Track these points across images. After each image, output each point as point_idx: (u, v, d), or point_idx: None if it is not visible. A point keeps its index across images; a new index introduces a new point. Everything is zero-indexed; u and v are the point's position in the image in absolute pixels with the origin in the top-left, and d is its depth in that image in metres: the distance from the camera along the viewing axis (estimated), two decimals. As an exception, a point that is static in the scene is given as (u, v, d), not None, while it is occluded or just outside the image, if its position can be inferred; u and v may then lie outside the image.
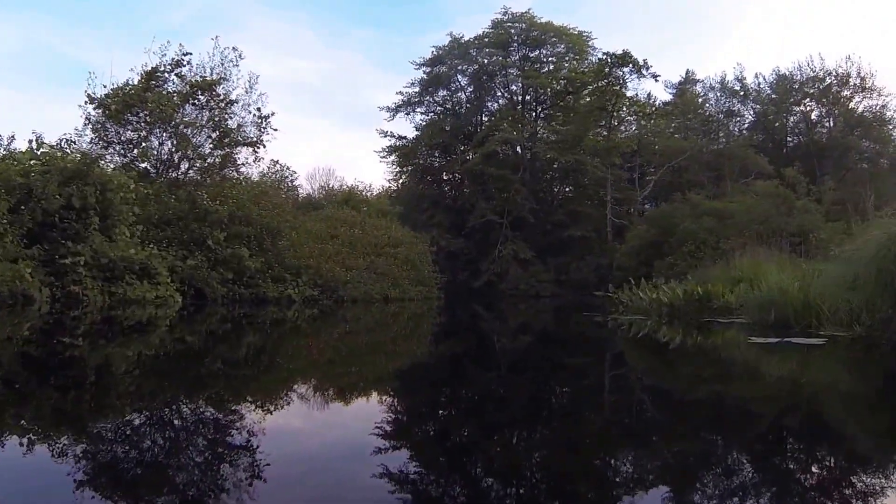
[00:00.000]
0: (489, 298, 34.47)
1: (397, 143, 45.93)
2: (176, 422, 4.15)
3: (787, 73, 47.19)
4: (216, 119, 25.37)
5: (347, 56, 78.73)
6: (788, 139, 48.70)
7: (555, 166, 42.17)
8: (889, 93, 49.54)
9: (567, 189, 41.63)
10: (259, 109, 25.38)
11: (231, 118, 25.59)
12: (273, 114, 25.39)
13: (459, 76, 45.84)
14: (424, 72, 45.80)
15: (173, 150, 24.60)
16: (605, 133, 38.93)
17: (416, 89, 46.09)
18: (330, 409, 4.80)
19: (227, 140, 25.44)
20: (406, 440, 3.90)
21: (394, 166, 47.31)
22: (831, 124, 47.23)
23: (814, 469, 3.37)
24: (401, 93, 46.33)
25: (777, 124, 47.90)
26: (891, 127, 45.49)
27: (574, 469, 3.30)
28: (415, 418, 4.65)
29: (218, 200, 20.95)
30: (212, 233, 20.21)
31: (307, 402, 5.03)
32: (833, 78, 45.44)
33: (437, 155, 46.69)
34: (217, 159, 25.46)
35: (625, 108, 37.50)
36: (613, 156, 36.79)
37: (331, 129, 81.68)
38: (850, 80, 44.87)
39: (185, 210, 20.79)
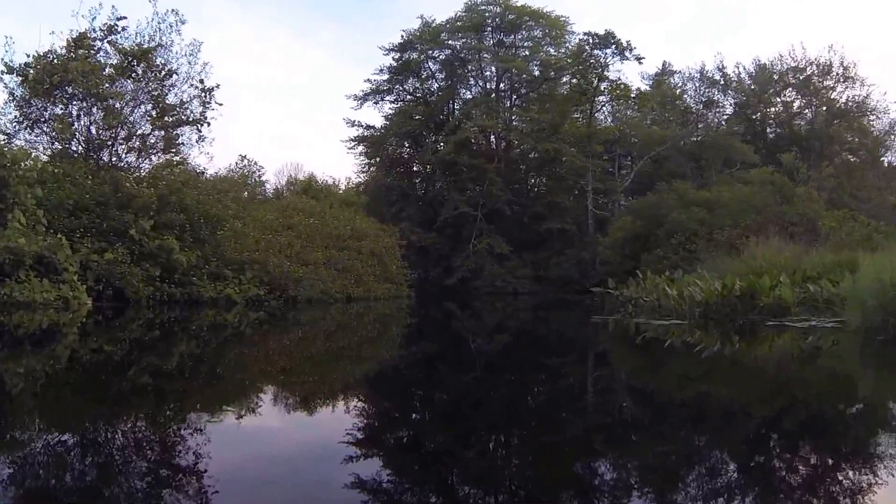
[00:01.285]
0: (463, 296, 31.81)
1: (365, 133, 42.34)
2: (92, 448, 3.39)
3: (768, 63, 44.99)
4: (154, 93, 21.64)
5: (316, 46, 74.82)
6: (769, 130, 46.39)
7: (532, 156, 38.94)
8: (871, 83, 47.78)
9: (545, 180, 38.36)
10: (202, 82, 21.71)
11: (171, 91, 21.90)
12: (218, 86, 21.72)
13: (430, 62, 42.44)
14: (394, 58, 42.30)
15: (103, 127, 20.79)
16: (584, 120, 35.77)
17: (386, 76, 42.60)
18: (285, 423, 4.14)
19: (168, 118, 21.73)
20: (373, 451, 3.47)
21: (362, 158, 43.79)
22: (812, 115, 45.04)
23: None
24: (369, 80, 42.83)
25: (757, 115, 45.49)
26: (872, 118, 43.42)
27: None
28: (382, 430, 4.12)
29: (145, 183, 17.28)
30: (136, 221, 16.53)
31: (257, 417, 4.26)
32: (815, 67, 43.23)
33: (407, 145, 43.21)
34: (158, 141, 21.75)
35: (607, 93, 34.35)
36: (594, 143, 33.69)
37: (299, 125, 77.73)
38: (833, 69, 42.66)
39: (107, 195, 17.08)
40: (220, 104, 21.99)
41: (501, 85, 41.72)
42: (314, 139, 75.25)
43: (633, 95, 34.59)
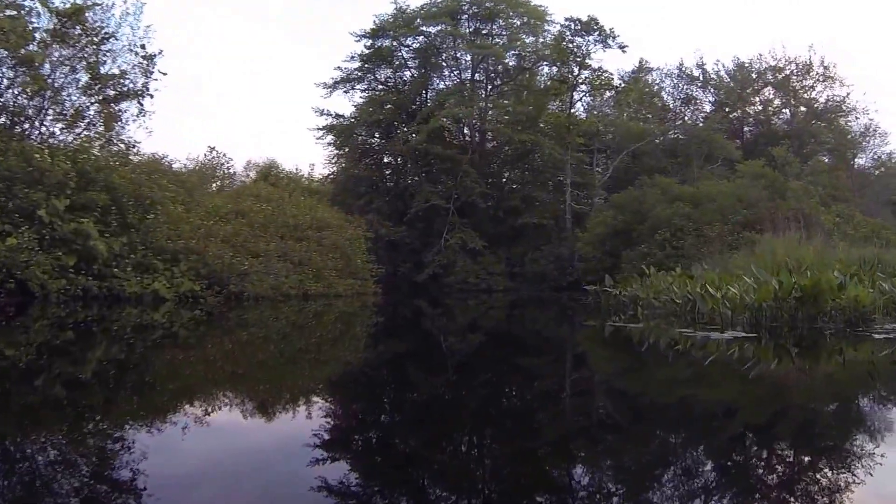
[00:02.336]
0: (434, 293, 29.30)
1: (334, 122, 39.49)
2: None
3: (747, 62, 43.38)
4: (90, 59, 18.75)
5: (282, 34, 71.53)
6: (746, 129, 44.77)
7: (507, 148, 36.48)
8: (851, 83, 46.47)
9: (521, 173, 35.86)
10: (143, 47, 18.86)
11: (109, 59, 19.03)
12: (161, 52, 18.89)
13: (403, 50, 39.77)
14: (365, 45, 39.54)
15: (27, 95, 17.83)
16: (564, 110, 33.42)
17: (357, 64, 39.80)
18: (232, 436, 3.62)
19: (107, 90, 18.86)
20: (333, 465, 3.08)
21: (330, 148, 40.92)
22: (789, 115, 43.59)
23: None
24: (339, 68, 39.96)
25: (736, 113, 43.81)
26: (850, 119, 42.04)
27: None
28: (343, 440, 3.67)
29: (63, 156, 14.41)
30: (48, 200, 13.68)
31: (195, 432, 3.63)
32: (794, 66, 41.72)
33: (377, 136, 40.46)
34: (95, 116, 18.85)
35: (588, 84, 32.03)
36: (574, 135, 31.38)
37: (272, 120, 74.41)
38: (813, 69, 41.17)
39: (13, 169, 14.18)
40: (164, 73, 19.20)
41: (477, 75, 39.19)
42: (291, 136, 72.10)
43: (615, 85, 32.30)
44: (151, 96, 19.26)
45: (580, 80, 31.16)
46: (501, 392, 5.24)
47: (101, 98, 18.90)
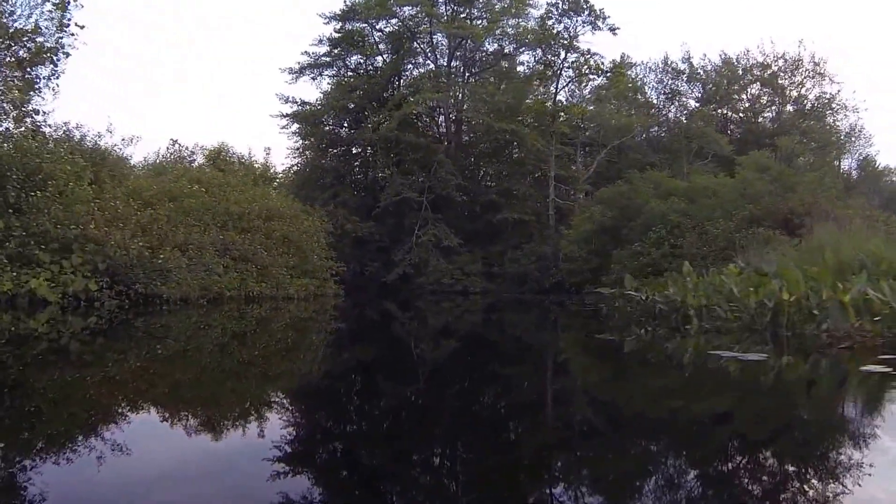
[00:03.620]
0: (405, 295, 26.37)
1: (300, 109, 35.98)
2: None
3: (734, 57, 40.93)
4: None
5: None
6: (732, 127, 42.36)
7: (485, 141, 33.33)
8: (841, 81, 44.45)
9: (500, 165, 32.68)
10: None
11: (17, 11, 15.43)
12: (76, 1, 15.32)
13: (376, 34, 36.46)
14: (335, 28, 36.16)
15: None
16: (549, 96, 30.42)
17: (325, 48, 36.38)
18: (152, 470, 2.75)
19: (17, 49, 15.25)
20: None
21: (295, 138, 37.38)
22: (774, 113, 41.31)
23: None
24: (307, 52, 36.48)
25: (722, 110, 41.36)
26: (839, 118, 39.86)
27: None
28: (296, 472, 2.82)
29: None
30: None
31: (109, 469, 2.68)
32: (783, 62, 39.36)
33: (346, 124, 37.06)
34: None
35: (574, 68, 29.08)
36: (559, 124, 28.40)
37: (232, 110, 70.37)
38: (803, 65, 38.86)
39: None
40: (82, 27, 15.62)
41: (454, 62, 36.05)
42: (255, 126, 68.07)
43: (606, 70, 29.34)
44: (67, 55, 15.73)
45: (567, 65, 28.18)
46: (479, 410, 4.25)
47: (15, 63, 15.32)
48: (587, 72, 28.47)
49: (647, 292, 10.73)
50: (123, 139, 17.16)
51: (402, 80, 36.14)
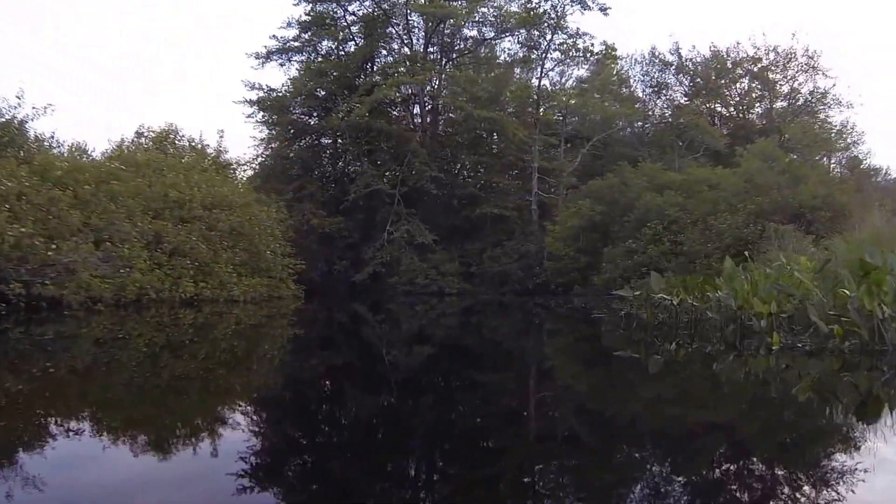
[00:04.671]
0: (375, 296, 23.92)
1: (266, 96, 33.07)
2: None
3: (723, 50, 39.00)
4: None
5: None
6: (718, 123, 40.48)
7: (461, 136, 30.73)
8: (835, 75, 42.79)
9: (480, 156, 30.02)
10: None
11: None
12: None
13: (348, 16, 33.75)
14: (305, 10, 33.38)
15: None
16: (535, 80, 28.01)
17: (295, 32, 33.55)
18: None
19: None
20: None
21: (262, 128, 34.44)
22: (762, 109, 39.53)
23: None
24: (275, 36, 33.57)
25: (709, 105, 39.44)
26: (832, 114, 38.11)
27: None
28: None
29: None
30: None
31: None
32: (774, 55, 37.50)
33: (315, 114, 34.25)
34: None
35: (562, 50, 26.68)
36: (542, 113, 26.03)
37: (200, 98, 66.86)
38: (796, 58, 37.00)
39: None
40: None
41: (431, 48, 33.50)
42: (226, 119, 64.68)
43: (596, 52, 26.98)
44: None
45: (553, 47, 25.78)
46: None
47: None
48: (575, 54, 26.01)
49: (680, 295, 8.30)
50: (35, 108, 14.20)
51: (374, 67, 33.53)
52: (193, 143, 21.15)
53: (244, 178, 29.64)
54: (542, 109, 26.22)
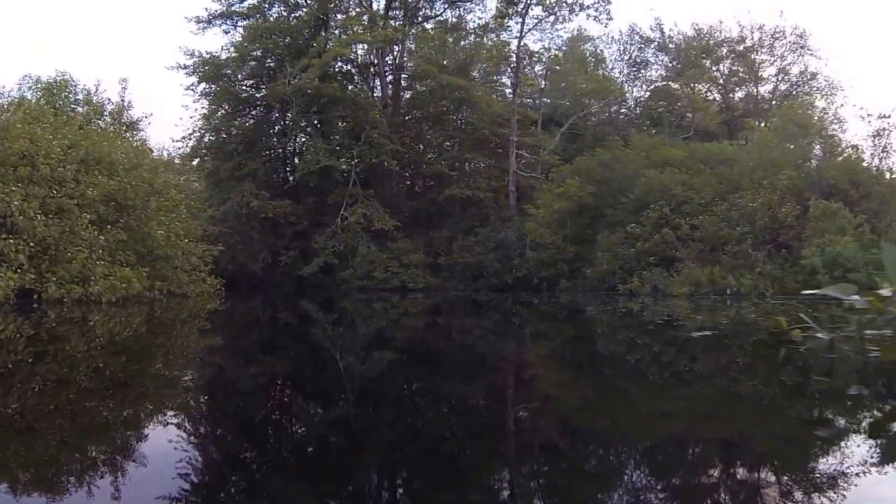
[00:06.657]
0: (327, 292, 19.98)
1: (205, 59, 28.17)
2: None
3: (706, 29, 35.49)
4: None
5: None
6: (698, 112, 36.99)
7: (427, 108, 26.40)
8: (825, 55, 39.72)
9: (449, 130, 25.68)
10: None
11: None
12: None
13: (299, -24, 29.07)
14: (252, -32, 28.63)
15: None
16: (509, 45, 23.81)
17: (241, -8, 28.76)
18: None
19: None
20: None
21: (203, 101, 29.50)
22: (745, 93, 36.25)
23: None
24: (218, -1, 28.71)
25: (691, 86, 35.94)
26: (818, 97, 34.96)
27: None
28: None
29: None
30: None
31: None
32: (759, 34, 34.14)
33: (263, 86, 29.51)
34: None
35: (543, 7, 22.51)
36: (523, 74, 21.89)
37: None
38: (784, 37, 33.70)
39: None
40: None
41: (393, 11, 29.09)
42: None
43: (587, 5, 22.84)
44: None
45: (535, 1, 21.62)
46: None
47: None
48: (560, 10, 21.86)
49: None
50: None
51: (329, 32, 28.96)
52: (92, 97, 16.36)
53: (177, 156, 24.97)
54: (521, 73, 21.99)
